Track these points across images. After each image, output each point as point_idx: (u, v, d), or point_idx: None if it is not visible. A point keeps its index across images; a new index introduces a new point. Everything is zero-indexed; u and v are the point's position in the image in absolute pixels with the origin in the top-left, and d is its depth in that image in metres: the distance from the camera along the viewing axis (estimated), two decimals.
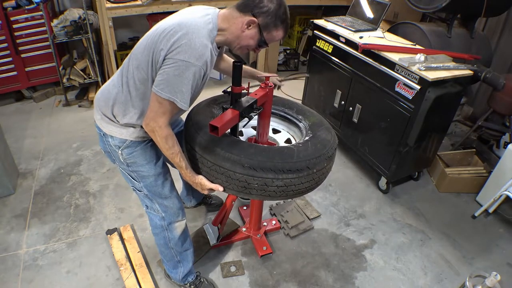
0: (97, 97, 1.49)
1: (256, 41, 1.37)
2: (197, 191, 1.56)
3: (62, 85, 3.48)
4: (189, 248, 1.80)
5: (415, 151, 2.42)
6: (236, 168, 1.36)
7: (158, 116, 1.29)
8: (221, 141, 1.43)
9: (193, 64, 1.22)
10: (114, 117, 1.43)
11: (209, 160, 1.40)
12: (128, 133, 1.45)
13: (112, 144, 1.47)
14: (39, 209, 2.36)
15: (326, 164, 1.50)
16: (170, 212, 1.63)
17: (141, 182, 1.55)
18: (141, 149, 1.49)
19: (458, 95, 2.30)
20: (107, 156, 1.57)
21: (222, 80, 4.28)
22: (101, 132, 1.48)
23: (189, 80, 1.24)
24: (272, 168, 1.36)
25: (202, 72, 1.28)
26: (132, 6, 3.26)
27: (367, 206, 2.57)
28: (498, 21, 3.27)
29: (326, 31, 2.82)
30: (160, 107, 1.28)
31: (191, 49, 1.22)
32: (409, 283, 2.05)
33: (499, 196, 2.38)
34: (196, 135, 1.47)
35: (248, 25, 1.32)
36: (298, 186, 1.43)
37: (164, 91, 1.24)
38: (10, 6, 3.16)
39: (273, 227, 2.29)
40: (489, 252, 2.29)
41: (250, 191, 1.41)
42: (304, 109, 1.86)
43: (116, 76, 1.45)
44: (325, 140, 1.57)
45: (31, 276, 1.94)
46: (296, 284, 1.99)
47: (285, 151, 1.43)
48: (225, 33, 1.35)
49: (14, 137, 3.03)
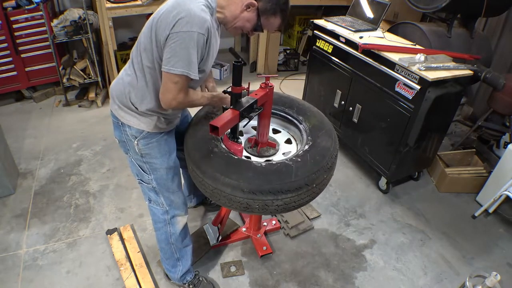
0: (112, 87, 1.49)
1: (252, 24, 1.39)
2: (199, 191, 1.56)
3: (62, 85, 3.48)
4: (189, 244, 1.81)
5: (415, 151, 2.42)
6: (236, 193, 1.37)
7: (176, 94, 1.30)
8: (218, 163, 1.42)
9: (197, 32, 1.23)
10: (133, 105, 1.43)
11: (210, 185, 1.41)
12: (145, 124, 1.45)
13: (129, 134, 1.48)
14: (39, 209, 2.36)
15: (326, 175, 1.49)
16: (175, 206, 1.65)
17: (151, 175, 1.56)
18: (157, 141, 1.51)
19: (458, 95, 2.30)
20: (121, 146, 1.57)
21: (222, 80, 4.28)
22: (118, 121, 1.48)
23: (195, 50, 1.25)
24: (270, 190, 1.36)
25: (205, 39, 1.27)
26: (132, 6, 3.26)
27: (367, 206, 2.57)
28: (498, 21, 3.27)
29: (326, 31, 2.82)
30: (175, 86, 1.28)
31: (191, 19, 1.22)
32: (409, 283, 2.05)
33: (499, 196, 2.38)
34: (195, 156, 1.48)
35: (247, 6, 1.34)
36: (299, 202, 1.44)
37: (176, 67, 1.25)
38: (10, 6, 3.16)
39: (273, 227, 2.29)
40: (489, 252, 2.29)
41: (252, 210, 1.42)
42: (304, 108, 1.83)
43: (127, 65, 1.46)
44: (325, 149, 1.54)
45: (31, 276, 1.94)
46: (296, 284, 1.99)
47: (283, 170, 1.41)
48: (224, 11, 1.37)
49: (14, 137, 3.03)
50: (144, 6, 3.28)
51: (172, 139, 1.61)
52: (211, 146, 1.49)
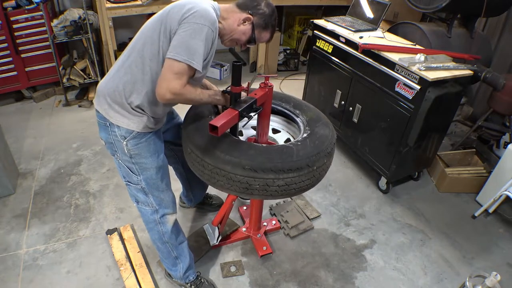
0: (102, 86, 1.46)
1: (247, 37, 1.49)
2: (197, 190, 1.57)
3: (62, 85, 3.48)
4: (183, 241, 1.82)
5: (415, 151, 2.42)
6: (237, 170, 1.36)
7: (173, 84, 1.28)
8: (220, 142, 1.43)
9: (208, 27, 1.30)
10: (126, 99, 1.41)
11: (210, 163, 1.40)
12: (135, 124, 1.45)
13: (118, 135, 1.47)
14: (39, 209, 2.36)
15: (326, 160, 1.50)
16: (164, 204, 1.66)
17: (141, 175, 1.56)
18: (146, 141, 1.51)
19: (458, 95, 2.30)
20: (107, 148, 1.55)
21: (222, 80, 4.28)
22: (106, 122, 1.46)
23: (203, 42, 1.30)
24: (272, 168, 1.36)
25: (213, 36, 1.35)
26: (132, 6, 3.27)
27: (367, 206, 2.57)
28: (498, 21, 3.27)
29: (326, 31, 2.82)
30: (174, 76, 1.28)
31: (205, 14, 1.31)
32: (409, 283, 2.05)
33: (499, 196, 2.38)
34: (195, 137, 1.47)
35: (244, 21, 1.46)
36: (299, 184, 1.44)
37: (181, 54, 1.27)
38: (10, 6, 3.16)
39: (273, 227, 2.29)
40: (489, 252, 2.29)
41: (252, 192, 1.41)
42: (301, 103, 1.85)
43: (119, 63, 1.45)
44: (324, 136, 1.57)
45: (31, 276, 1.94)
46: (296, 284, 1.99)
47: (284, 150, 1.43)
48: (224, 22, 1.46)
49: (14, 137, 3.03)
50: (144, 6, 3.28)
51: (159, 138, 1.61)
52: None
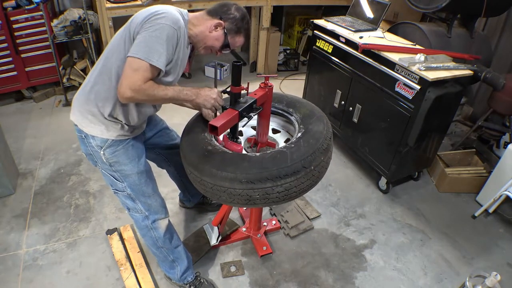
0: (76, 97, 1.50)
1: (220, 43, 1.49)
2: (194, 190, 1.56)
3: (62, 85, 3.49)
4: (179, 244, 1.82)
5: (415, 151, 2.42)
6: (235, 185, 1.36)
7: (132, 81, 1.26)
8: (212, 159, 1.42)
9: (170, 26, 1.30)
10: (98, 108, 1.42)
11: (209, 182, 1.41)
12: (109, 132, 1.46)
13: (94, 145, 1.49)
14: (39, 209, 2.36)
15: (323, 157, 1.48)
16: (153, 210, 1.66)
17: (124, 182, 1.57)
18: (123, 148, 1.51)
19: (458, 95, 2.30)
20: (89, 159, 1.59)
21: (222, 80, 4.28)
22: (81, 134, 1.50)
23: (164, 40, 1.29)
24: (268, 177, 1.35)
25: (177, 36, 1.33)
26: (132, 6, 3.26)
27: (367, 206, 2.57)
28: (498, 21, 3.27)
29: (326, 31, 2.82)
30: (134, 74, 1.27)
31: (167, 15, 1.32)
32: (409, 283, 2.05)
33: (499, 196, 2.38)
34: (192, 158, 1.48)
35: (215, 27, 1.46)
36: (300, 186, 1.43)
37: (140, 53, 1.26)
38: (10, 6, 3.16)
39: (273, 227, 2.29)
40: (489, 252, 2.29)
41: (254, 202, 1.41)
42: (293, 101, 1.82)
43: (88, 77, 1.48)
44: (318, 133, 1.54)
45: (31, 276, 1.94)
46: (296, 284, 1.99)
47: (278, 156, 1.41)
48: (195, 29, 1.46)
49: (14, 137, 3.03)
50: (144, 6, 3.26)
51: (139, 144, 1.61)
52: (205, 145, 1.50)
